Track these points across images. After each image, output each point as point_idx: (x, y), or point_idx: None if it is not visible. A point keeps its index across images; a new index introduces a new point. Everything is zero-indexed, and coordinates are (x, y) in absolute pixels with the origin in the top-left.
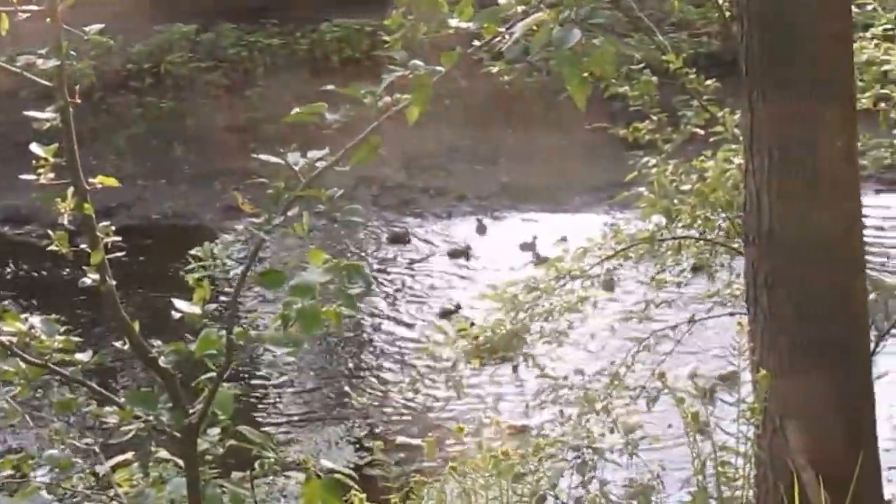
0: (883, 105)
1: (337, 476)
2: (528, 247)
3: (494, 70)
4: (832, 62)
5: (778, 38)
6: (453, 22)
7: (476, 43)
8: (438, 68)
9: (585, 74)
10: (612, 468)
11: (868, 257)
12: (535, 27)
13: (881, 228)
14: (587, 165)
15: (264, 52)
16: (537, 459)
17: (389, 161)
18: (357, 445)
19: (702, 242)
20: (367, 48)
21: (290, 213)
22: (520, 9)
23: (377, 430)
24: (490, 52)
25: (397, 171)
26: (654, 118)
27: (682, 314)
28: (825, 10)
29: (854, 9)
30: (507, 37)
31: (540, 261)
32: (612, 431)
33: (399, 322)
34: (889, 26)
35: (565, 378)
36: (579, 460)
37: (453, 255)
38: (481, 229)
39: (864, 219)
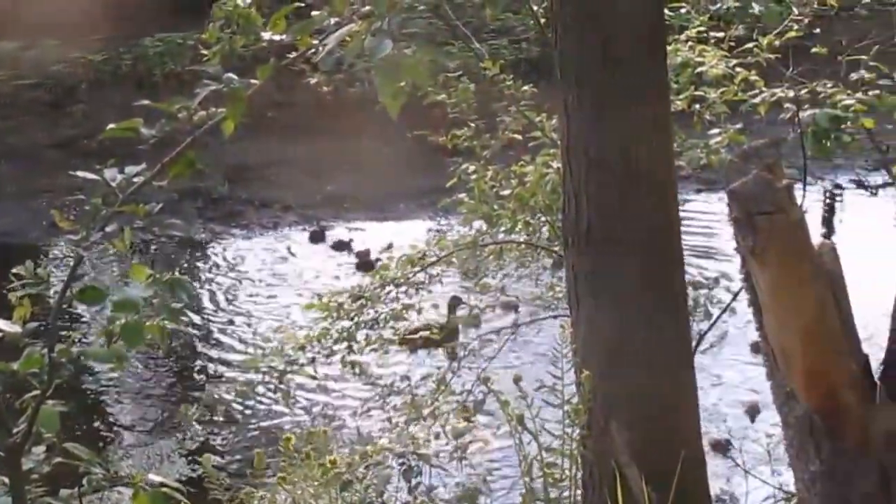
0: (697, 106)
1: (165, 490)
2: (362, 255)
3: (313, 81)
4: (645, 65)
5: (591, 41)
6: (266, 35)
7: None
8: (253, 81)
9: (402, 84)
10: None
11: (688, 256)
12: (348, 38)
13: (702, 227)
14: (411, 173)
15: (88, 67)
16: (364, 467)
17: (214, 173)
18: (190, 458)
19: (524, 246)
20: (189, 62)
21: (108, 229)
22: (333, 20)
23: (211, 442)
24: (311, 63)
25: (222, 183)
26: (472, 125)
27: (508, 318)
28: (637, 14)
29: (668, 12)
30: (321, 48)
31: (365, 268)
32: (436, 437)
33: (230, 334)
34: (703, 28)
35: (392, 384)
36: (405, 467)
37: (277, 265)
38: (315, 237)
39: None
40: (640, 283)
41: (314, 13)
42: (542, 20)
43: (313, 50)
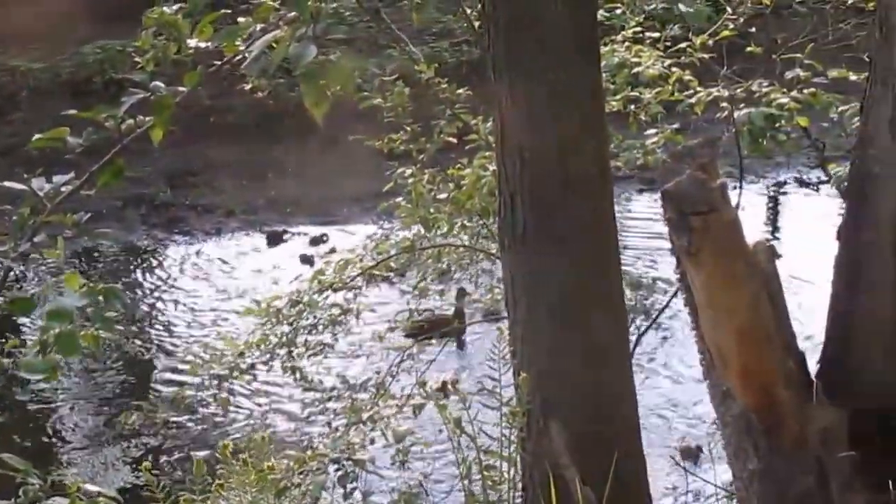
0: (633, 107)
1: (102, 499)
2: (306, 259)
3: (248, 87)
4: (579, 66)
5: (524, 43)
6: (192, 42)
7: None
8: (181, 88)
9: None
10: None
11: (629, 256)
12: (273, 44)
13: (644, 227)
14: (353, 177)
15: (27, 75)
16: (299, 473)
17: (156, 180)
18: (134, 465)
19: (462, 249)
20: (129, 69)
21: (37, 239)
22: (259, 26)
23: (156, 449)
24: None
25: (164, 189)
26: (409, 128)
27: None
28: (570, 15)
29: (604, 13)
30: (248, 54)
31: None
32: (372, 442)
33: (174, 341)
34: (639, 28)
35: (332, 389)
36: (340, 472)
37: (221, 270)
38: (273, 240)
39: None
40: (577, 283)
41: (241, 20)
42: (477, 23)
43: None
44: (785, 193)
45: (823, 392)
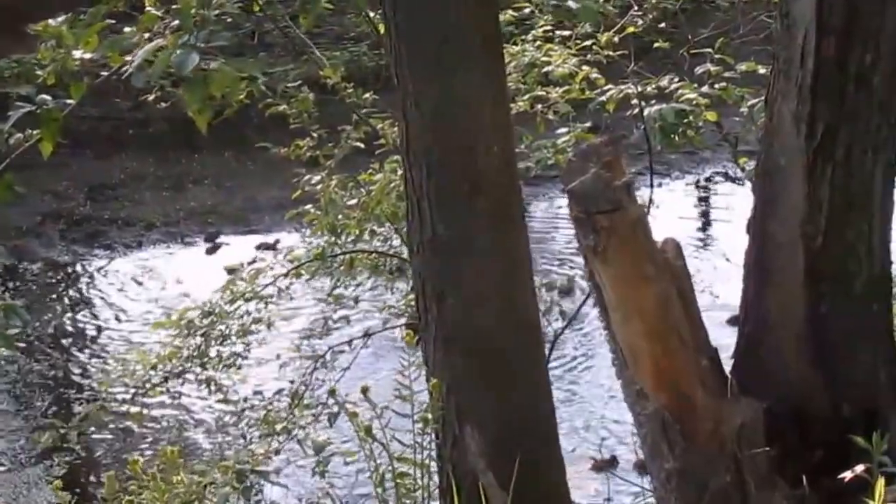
0: (540, 107)
1: None
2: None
3: (151, 97)
4: (482, 67)
5: (425, 44)
6: (77, 53)
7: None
8: (69, 101)
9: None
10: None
11: (547, 256)
12: (156, 53)
13: (566, 227)
14: (272, 185)
15: None
16: (204, 486)
17: (75, 194)
18: (59, 486)
19: (374, 255)
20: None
21: None
22: (145, 36)
23: (78, 465)
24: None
25: (83, 203)
26: (315, 135)
27: (364, 325)
28: (472, 16)
29: (512, 12)
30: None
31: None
32: (277, 453)
33: (94, 356)
34: (549, 27)
35: (245, 400)
36: (243, 485)
37: (143, 285)
38: (212, 249)
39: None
40: (488, 286)
41: (126, 29)
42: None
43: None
44: (711, 188)
45: (738, 388)
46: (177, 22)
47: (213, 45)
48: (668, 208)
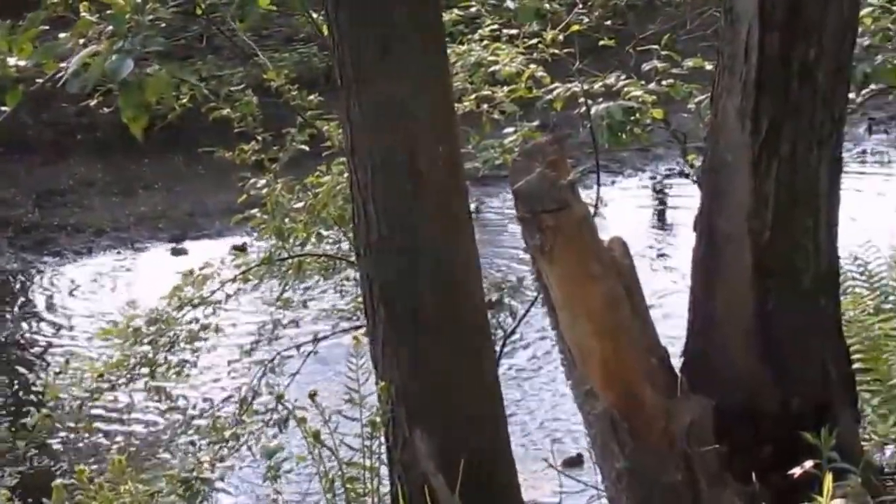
0: (486, 106)
1: None
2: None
3: (93, 103)
4: (426, 67)
5: (368, 45)
6: (12, 60)
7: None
8: (4, 109)
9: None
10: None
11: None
12: (89, 59)
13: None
14: (222, 189)
15: None
16: (150, 495)
17: (23, 201)
18: (7, 496)
19: (324, 259)
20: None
21: None
22: (81, 41)
23: (30, 476)
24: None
25: (31, 210)
26: (259, 138)
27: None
28: (414, 16)
29: (457, 11)
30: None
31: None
32: (221, 460)
33: (42, 364)
34: (496, 27)
35: (195, 407)
36: (188, 493)
37: (93, 291)
38: (178, 251)
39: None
40: (435, 287)
41: (61, 35)
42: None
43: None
44: (664, 185)
45: (688, 386)
46: (111, 27)
47: (153, 50)
48: (621, 206)
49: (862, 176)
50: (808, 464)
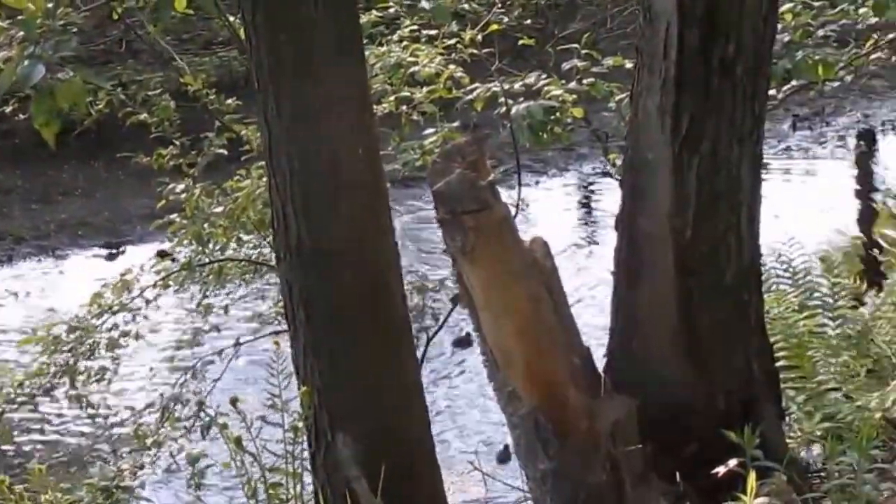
0: (405, 108)
1: None
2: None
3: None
4: (343, 69)
5: (284, 47)
6: None
7: None
8: None
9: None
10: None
11: (420, 258)
12: (1, 65)
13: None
14: (143, 194)
15: None
16: None
17: None
18: None
19: (245, 263)
20: None
21: None
22: None
23: None
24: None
25: None
26: (177, 143)
27: (237, 334)
28: (331, 18)
29: (377, 13)
30: None
31: None
32: (141, 467)
33: None
34: (415, 27)
35: (116, 414)
36: (108, 501)
37: (13, 300)
38: (112, 256)
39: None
40: (356, 291)
41: None
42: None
43: None
44: (590, 184)
45: (612, 386)
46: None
47: (66, 55)
48: (546, 205)
49: (786, 173)
50: (732, 462)
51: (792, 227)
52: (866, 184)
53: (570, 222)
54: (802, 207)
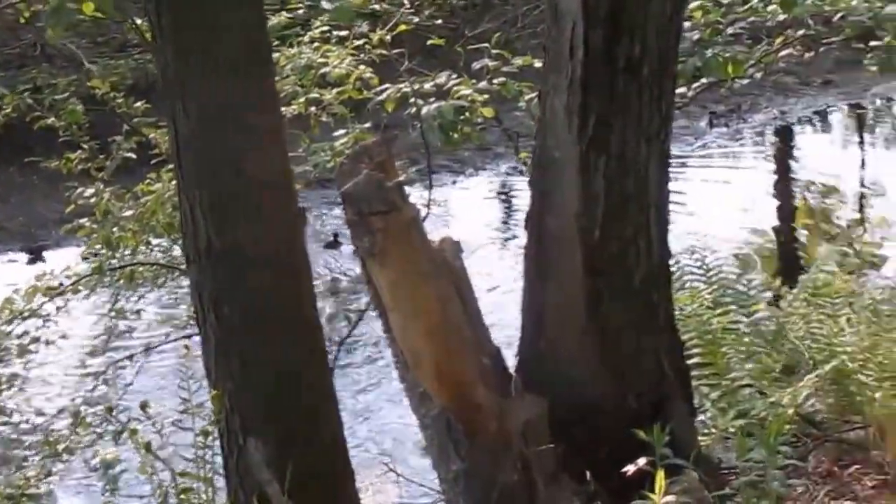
0: (314, 109)
1: None
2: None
3: None
4: (250, 72)
5: (191, 49)
6: None
7: None
8: None
9: None
10: None
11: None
12: None
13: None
14: (57, 199)
15: None
16: None
17: None
18: None
19: (155, 267)
20: None
21: None
22: None
23: None
24: None
25: None
26: (85, 146)
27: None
28: (239, 20)
29: (286, 14)
30: None
31: None
32: (49, 474)
33: None
34: (326, 28)
35: (28, 421)
36: None
37: None
38: (32, 261)
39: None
40: (265, 293)
41: None
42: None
43: None
44: (507, 183)
45: (523, 385)
46: None
47: None
48: (463, 205)
49: (703, 170)
50: (642, 461)
51: (709, 225)
52: (784, 180)
53: (487, 221)
54: (720, 205)
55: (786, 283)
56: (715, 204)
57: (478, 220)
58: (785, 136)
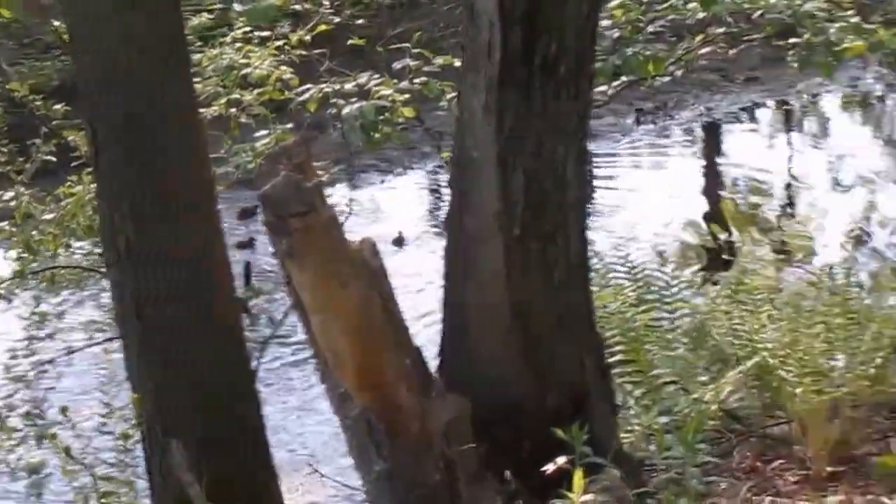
0: (234, 110)
1: None
2: None
3: None
4: (170, 72)
5: (107, 50)
6: None
7: None
8: None
9: None
10: None
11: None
12: None
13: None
14: None
15: None
16: None
17: None
18: None
19: (77, 270)
20: None
21: None
22: None
23: None
24: None
25: None
26: (3, 149)
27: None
28: (155, 19)
29: (208, 15)
30: None
31: None
32: None
33: None
34: (248, 28)
35: None
36: None
37: None
38: None
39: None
40: (186, 294)
41: None
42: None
43: None
44: (433, 182)
45: (445, 385)
46: None
47: None
48: (391, 204)
49: (631, 167)
50: (561, 460)
51: (636, 221)
52: (712, 175)
53: (414, 220)
54: (647, 201)
55: (711, 279)
56: (642, 200)
57: (406, 218)
58: (711, 133)
